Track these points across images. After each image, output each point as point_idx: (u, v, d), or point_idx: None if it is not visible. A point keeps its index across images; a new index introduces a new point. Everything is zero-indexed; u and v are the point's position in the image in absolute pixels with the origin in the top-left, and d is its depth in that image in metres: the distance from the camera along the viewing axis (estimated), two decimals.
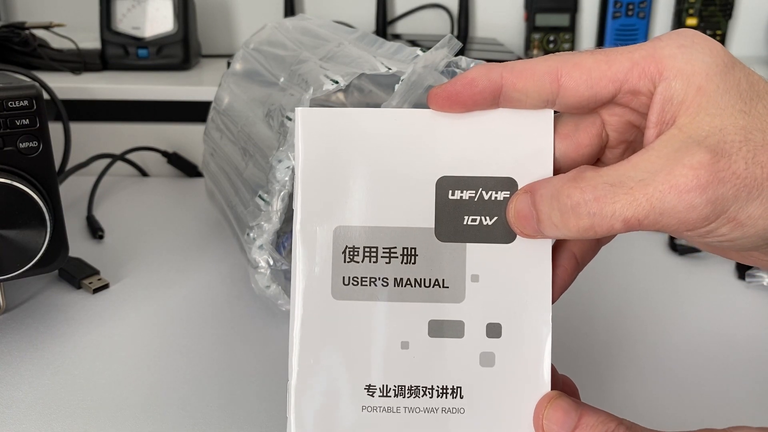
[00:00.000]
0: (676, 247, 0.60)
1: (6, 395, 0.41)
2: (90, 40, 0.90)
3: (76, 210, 0.67)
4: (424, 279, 0.29)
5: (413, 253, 0.29)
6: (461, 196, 0.29)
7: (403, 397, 0.28)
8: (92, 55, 0.88)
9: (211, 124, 0.58)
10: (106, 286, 0.53)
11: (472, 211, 0.29)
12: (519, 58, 0.79)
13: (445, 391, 0.28)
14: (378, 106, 0.41)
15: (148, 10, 0.90)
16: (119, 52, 0.89)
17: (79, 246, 0.60)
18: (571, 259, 0.31)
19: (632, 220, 0.25)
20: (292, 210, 0.29)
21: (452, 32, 1.01)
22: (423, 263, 0.29)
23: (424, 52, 0.41)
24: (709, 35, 1.01)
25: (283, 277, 0.46)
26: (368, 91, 0.58)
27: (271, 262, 0.45)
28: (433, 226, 0.29)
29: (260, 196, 0.44)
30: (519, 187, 0.29)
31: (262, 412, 0.39)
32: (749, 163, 0.25)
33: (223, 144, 0.55)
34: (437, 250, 0.29)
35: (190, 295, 0.52)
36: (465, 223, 0.29)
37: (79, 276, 0.53)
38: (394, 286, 0.28)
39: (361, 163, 0.29)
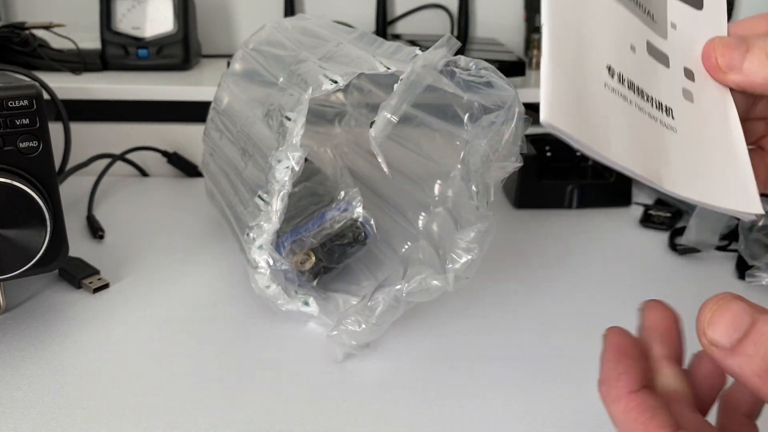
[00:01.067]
0: (676, 247, 0.60)
1: (6, 395, 0.41)
2: (90, 40, 0.90)
3: (76, 210, 0.67)
4: (641, 3, 0.30)
5: None
6: None
7: (634, 93, 0.29)
8: (92, 55, 0.88)
9: (211, 125, 0.58)
10: (106, 286, 0.53)
11: None
12: (519, 59, 0.79)
13: (661, 106, 0.30)
14: (377, 105, 0.41)
15: (148, 10, 0.90)
16: (119, 52, 0.89)
17: (79, 246, 0.60)
18: None
19: None
20: (293, 209, 0.29)
21: (452, 32, 1.01)
22: None
23: (423, 51, 0.41)
24: None
25: (283, 277, 0.46)
26: (368, 91, 0.58)
27: (271, 262, 0.45)
28: None
29: (260, 197, 0.44)
30: None
31: (262, 412, 0.39)
32: None
33: (222, 144, 0.55)
34: None
35: (190, 295, 0.52)
36: None
37: (79, 276, 0.53)
38: None
39: None
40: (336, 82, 0.42)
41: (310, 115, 0.43)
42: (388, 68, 0.42)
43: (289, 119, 0.43)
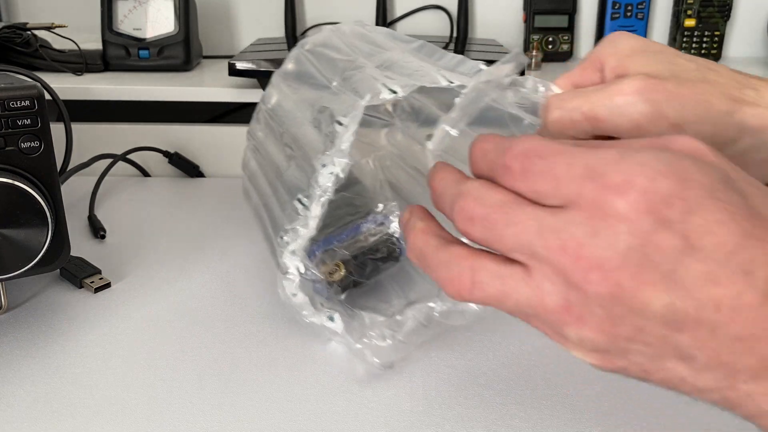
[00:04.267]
0: None
1: (7, 394, 0.41)
2: (91, 41, 0.90)
3: (77, 210, 0.67)
4: None
5: None
6: None
7: None
8: (94, 56, 0.88)
9: (256, 122, 0.56)
10: (107, 286, 0.53)
11: None
12: None
13: None
14: (428, 120, 0.40)
15: (150, 11, 0.90)
16: (121, 52, 0.89)
17: (80, 245, 0.60)
18: None
19: (588, 114, 0.33)
20: (328, 217, 0.29)
21: (451, 33, 1.02)
22: None
23: (487, 66, 0.39)
24: (708, 36, 1.01)
25: (312, 286, 0.44)
26: (419, 105, 0.56)
27: (302, 270, 0.42)
28: None
29: (299, 200, 0.42)
30: None
31: (262, 412, 0.40)
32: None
33: (266, 143, 0.53)
34: None
35: (191, 294, 0.53)
36: None
37: (80, 275, 0.53)
38: None
39: None
40: (395, 92, 0.40)
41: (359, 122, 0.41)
42: (451, 82, 0.40)
43: (341, 124, 0.41)
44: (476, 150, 0.29)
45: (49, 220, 0.45)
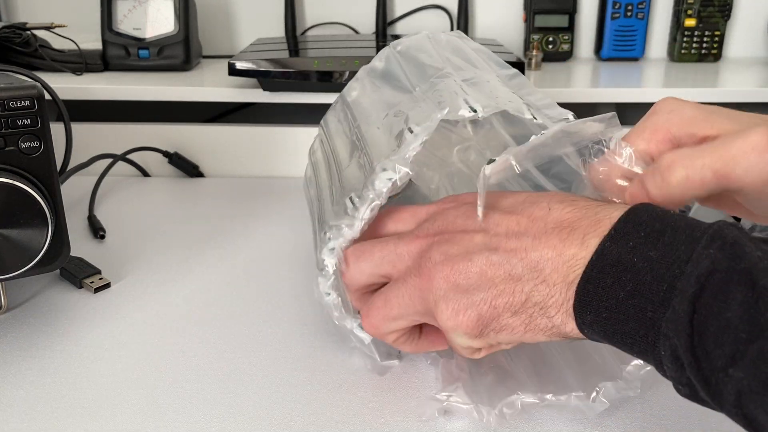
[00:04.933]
0: None
1: (7, 394, 0.41)
2: (91, 40, 0.90)
3: (77, 210, 0.67)
4: None
5: None
6: None
7: None
8: (93, 56, 0.88)
9: (332, 112, 0.54)
10: (107, 286, 0.53)
11: None
12: (518, 59, 0.79)
13: None
14: (500, 145, 0.40)
15: (149, 11, 0.90)
16: (120, 52, 0.89)
17: (80, 246, 0.60)
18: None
19: (720, 171, 0.31)
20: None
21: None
22: None
23: (575, 118, 0.38)
24: (708, 36, 1.01)
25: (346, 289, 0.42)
26: (489, 127, 0.53)
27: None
28: None
29: (350, 199, 0.41)
30: None
31: (262, 412, 0.40)
32: None
33: (336, 135, 0.51)
34: None
35: (190, 295, 0.53)
36: None
37: (80, 275, 0.53)
38: None
39: None
40: (476, 111, 0.38)
41: (435, 134, 0.40)
42: (535, 117, 0.39)
43: (412, 132, 0.39)
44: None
45: (49, 220, 0.45)
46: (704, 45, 0.99)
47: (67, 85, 0.79)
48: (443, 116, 0.38)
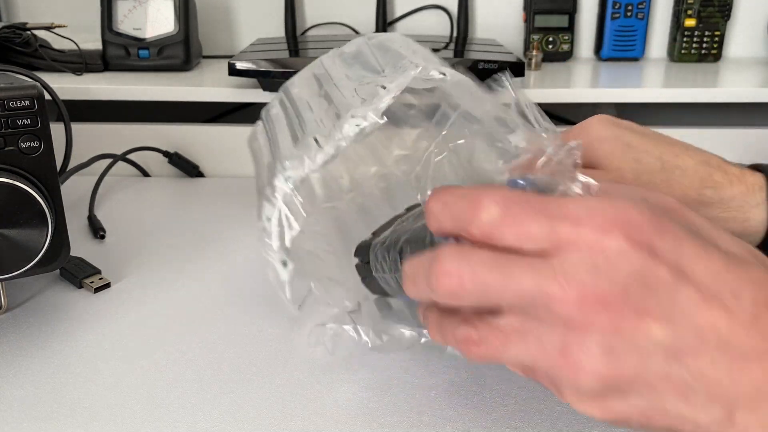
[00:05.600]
0: None
1: (7, 394, 0.41)
2: (91, 40, 0.90)
3: (77, 210, 0.67)
4: None
5: None
6: None
7: None
8: (93, 56, 0.88)
9: (298, 80, 0.52)
10: (107, 286, 0.53)
11: None
12: (518, 59, 0.80)
13: None
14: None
15: (149, 11, 0.90)
16: (120, 52, 0.89)
17: (80, 246, 0.60)
18: None
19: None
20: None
21: (452, 33, 1.02)
22: None
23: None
24: (708, 36, 1.01)
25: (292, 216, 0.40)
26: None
27: (288, 192, 0.39)
28: None
29: (315, 139, 0.40)
30: None
31: (262, 412, 0.40)
32: None
33: (299, 97, 0.50)
34: None
35: (191, 295, 0.53)
36: None
37: (80, 275, 0.53)
38: None
39: None
40: (445, 75, 0.40)
41: (379, 133, 0.41)
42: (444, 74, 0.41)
43: (384, 88, 0.40)
44: (436, 204, 0.28)
45: (49, 220, 0.45)
46: (704, 45, 0.99)
47: (67, 85, 0.79)
48: (416, 74, 0.40)
